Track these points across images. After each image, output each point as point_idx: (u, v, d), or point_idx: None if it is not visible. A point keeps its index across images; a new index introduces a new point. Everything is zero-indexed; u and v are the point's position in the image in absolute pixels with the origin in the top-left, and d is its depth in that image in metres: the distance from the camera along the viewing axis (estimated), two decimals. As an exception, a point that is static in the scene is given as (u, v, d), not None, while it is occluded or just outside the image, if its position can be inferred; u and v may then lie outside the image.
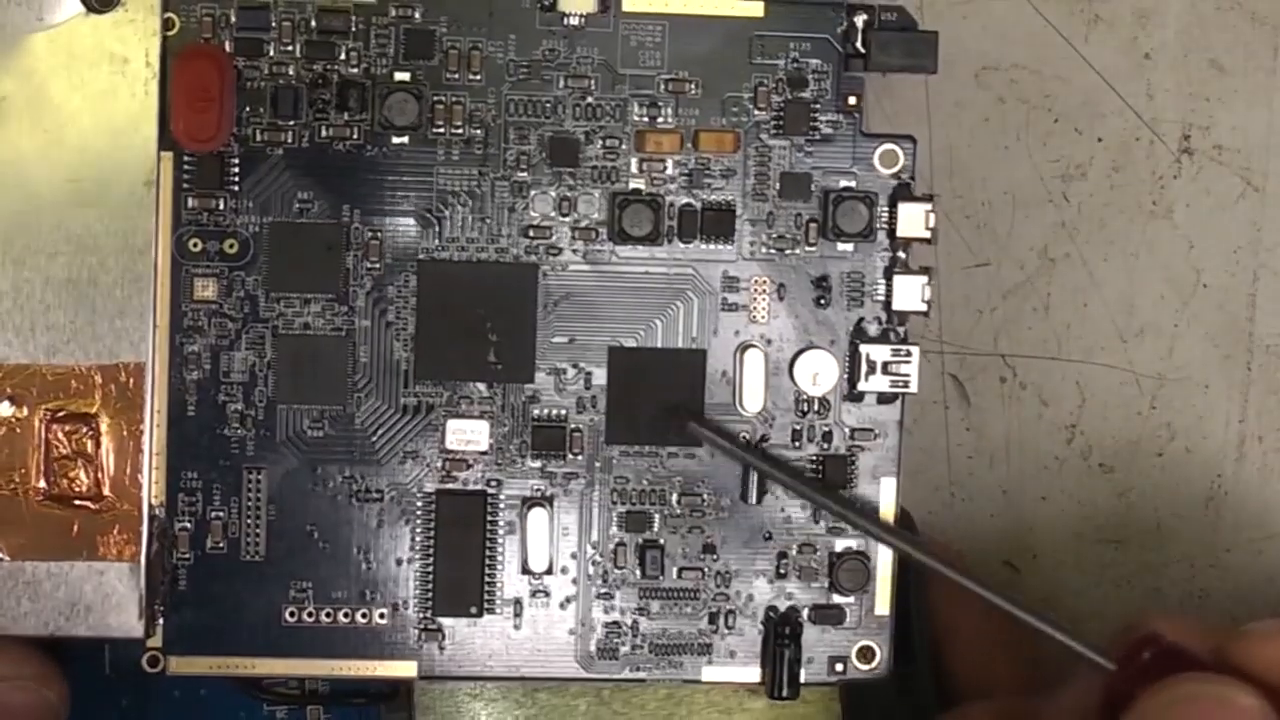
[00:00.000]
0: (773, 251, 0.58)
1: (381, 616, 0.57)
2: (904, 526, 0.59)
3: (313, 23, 0.56)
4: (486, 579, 0.57)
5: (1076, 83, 0.67)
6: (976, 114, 0.67)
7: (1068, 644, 0.52)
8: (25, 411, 0.55)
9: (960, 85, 0.66)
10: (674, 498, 0.58)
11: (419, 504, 0.57)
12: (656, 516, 0.58)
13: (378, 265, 0.57)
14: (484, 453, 0.57)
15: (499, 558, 0.58)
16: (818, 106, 0.57)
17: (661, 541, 0.58)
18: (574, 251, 0.57)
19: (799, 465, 0.58)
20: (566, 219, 0.57)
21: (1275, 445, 0.68)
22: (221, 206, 0.56)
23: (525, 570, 0.58)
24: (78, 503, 0.55)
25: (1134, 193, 0.67)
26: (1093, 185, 0.67)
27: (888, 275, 0.58)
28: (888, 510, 0.58)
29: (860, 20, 0.57)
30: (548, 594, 0.58)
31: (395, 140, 0.56)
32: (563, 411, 0.58)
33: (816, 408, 0.58)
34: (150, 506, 0.56)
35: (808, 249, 0.58)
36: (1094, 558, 0.68)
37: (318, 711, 0.61)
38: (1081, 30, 0.67)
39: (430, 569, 0.57)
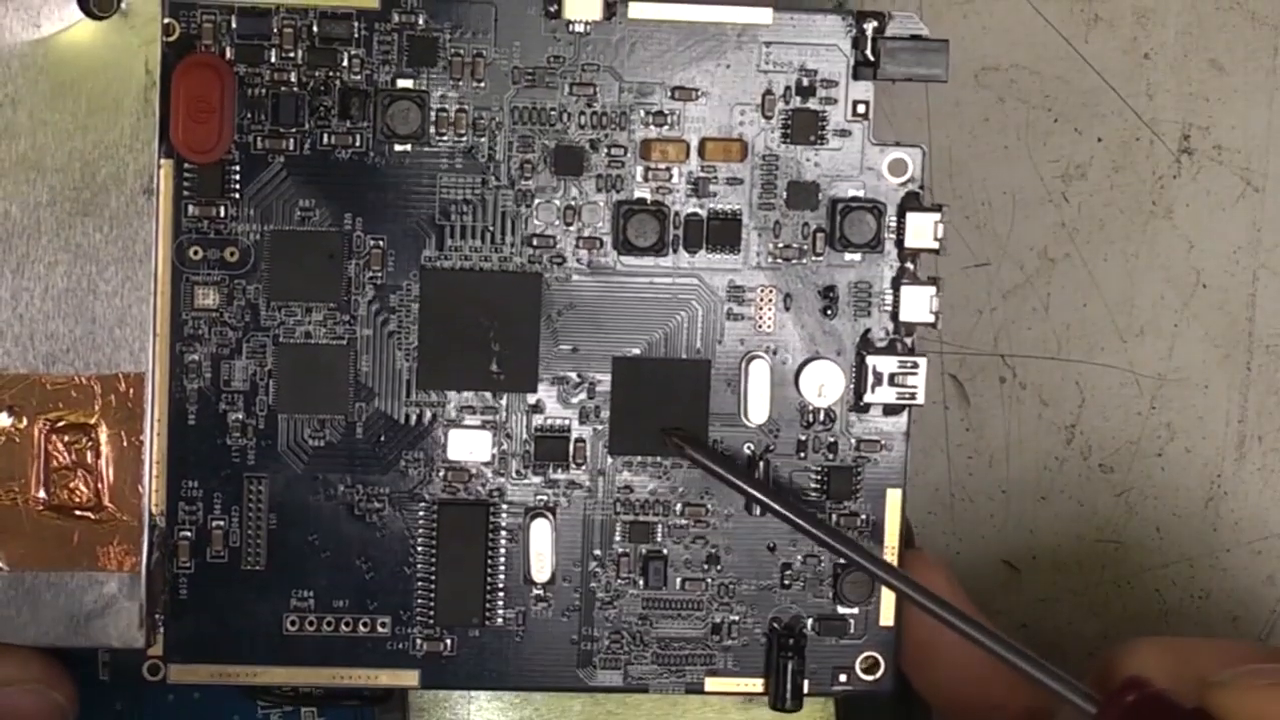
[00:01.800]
0: (779, 261, 0.57)
1: (383, 626, 0.57)
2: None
3: (315, 29, 0.55)
4: (488, 589, 0.57)
5: (1076, 83, 0.66)
6: (976, 114, 0.66)
7: (1052, 687, 0.52)
8: (24, 422, 0.55)
9: (960, 86, 0.66)
10: (678, 508, 0.58)
11: (421, 514, 0.57)
12: (660, 527, 0.58)
13: (380, 274, 0.56)
14: (486, 463, 0.57)
15: (501, 568, 0.57)
16: (825, 115, 0.57)
17: (665, 552, 0.58)
18: (578, 261, 0.57)
19: (800, 483, 0.58)
20: (571, 228, 0.57)
21: (1275, 445, 0.68)
22: (222, 214, 0.56)
23: (528, 580, 0.57)
24: (78, 513, 0.55)
25: (1134, 193, 0.67)
26: (1093, 185, 0.67)
27: (895, 286, 0.57)
28: (893, 522, 0.58)
29: (869, 28, 0.56)
30: (550, 604, 0.58)
31: (398, 148, 0.56)
32: (566, 422, 0.57)
33: (822, 419, 0.57)
34: (151, 516, 0.55)
35: (814, 259, 0.57)
36: (1094, 558, 0.68)
37: (312, 714, 0.61)
38: (1081, 30, 0.66)
39: (432, 578, 0.57)
